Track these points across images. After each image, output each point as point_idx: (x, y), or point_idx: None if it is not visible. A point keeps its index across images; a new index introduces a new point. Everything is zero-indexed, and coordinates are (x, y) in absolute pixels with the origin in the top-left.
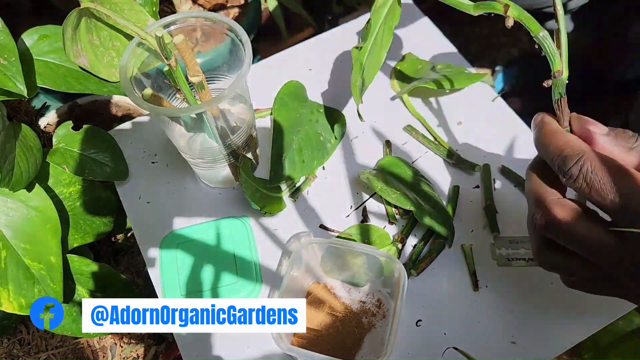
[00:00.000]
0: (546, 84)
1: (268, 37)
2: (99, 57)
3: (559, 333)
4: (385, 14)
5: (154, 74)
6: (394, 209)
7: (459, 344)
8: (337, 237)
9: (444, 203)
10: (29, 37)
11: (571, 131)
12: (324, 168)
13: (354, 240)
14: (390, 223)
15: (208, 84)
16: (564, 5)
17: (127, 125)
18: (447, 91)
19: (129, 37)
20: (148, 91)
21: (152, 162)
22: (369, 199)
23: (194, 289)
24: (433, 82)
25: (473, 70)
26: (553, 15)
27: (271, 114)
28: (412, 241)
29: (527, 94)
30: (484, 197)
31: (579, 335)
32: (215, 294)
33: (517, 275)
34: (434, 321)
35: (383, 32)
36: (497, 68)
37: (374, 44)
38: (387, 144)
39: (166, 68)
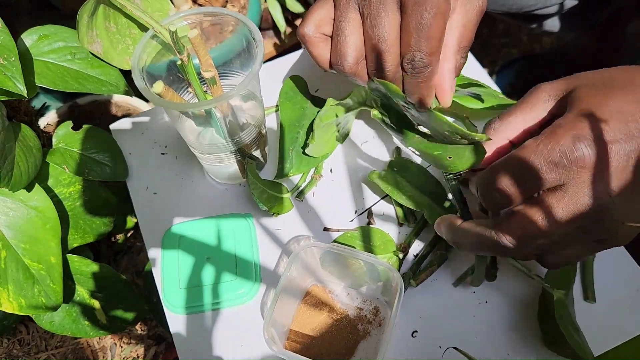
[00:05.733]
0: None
1: (268, 37)
2: (114, 44)
3: (558, 355)
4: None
5: (166, 66)
6: (402, 211)
7: (453, 357)
8: (338, 241)
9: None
10: (29, 37)
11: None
12: (331, 171)
13: (353, 247)
14: (400, 224)
15: (221, 79)
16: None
17: (138, 116)
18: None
19: (145, 28)
20: (159, 85)
21: (162, 154)
22: (377, 202)
23: (193, 284)
24: (466, 98)
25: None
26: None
27: (276, 110)
28: (414, 250)
29: None
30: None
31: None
32: (214, 289)
33: (518, 292)
34: (430, 333)
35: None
36: (497, 68)
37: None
38: (397, 150)
39: (179, 62)
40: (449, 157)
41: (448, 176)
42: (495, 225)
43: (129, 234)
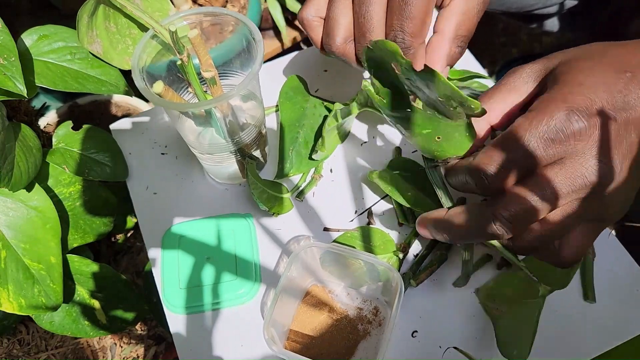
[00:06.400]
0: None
1: (268, 37)
2: (113, 44)
3: (557, 354)
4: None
5: (166, 66)
6: (402, 211)
7: (453, 357)
8: (338, 241)
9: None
10: (29, 37)
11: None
12: (331, 171)
13: (353, 247)
14: (400, 224)
15: (221, 79)
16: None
17: (138, 116)
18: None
19: (145, 28)
20: (159, 85)
21: (162, 154)
22: (377, 202)
23: (193, 284)
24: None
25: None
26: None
27: (276, 110)
28: (415, 250)
29: None
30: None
31: (577, 357)
32: (214, 289)
33: None
34: (430, 333)
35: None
36: (497, 68)
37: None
38: (397, 150)
39: (179, 62)
40: (438, 138)
41: (431, 165)
42: (490, 204)
43: (129, 234)
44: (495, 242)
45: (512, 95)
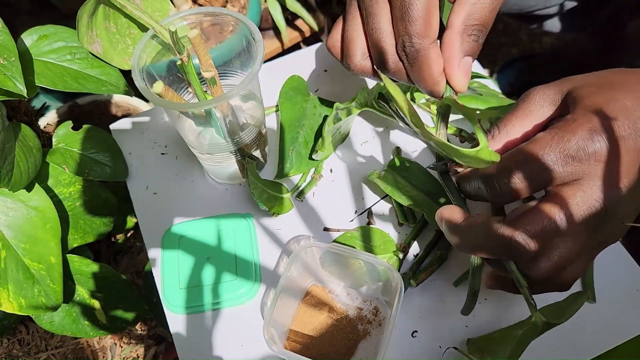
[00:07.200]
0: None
1: (268, 37)
2: (113, 44)
3: (557, 354)
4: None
5: (166, 66)
6: (402, 211)
7: (453, 357)
8: (338, 241)
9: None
10: (29, 37)
11: None
12: (331, 171)
13: (353, 247)
14: (400, 224)
15: (221, 79)
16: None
17: (138, 116)
18: (478, 112)
19: (145, 28)
20: (159, 85)
21: (162, 154)
22: (377, 202)
23: (193, 284)
24: (467, 97)
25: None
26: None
27: (276, 110)
28: (415, 250)
29: None
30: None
31: (577, 356)
32: (214, 289)
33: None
34: (430, 333)
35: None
36: (497, 68)
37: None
38: (397, 150)
39: (179, 62)
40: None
41: (442, 170)
42: (509, 222)
43: (129, 234)
44: (511, 265)
45: (528, 120)
